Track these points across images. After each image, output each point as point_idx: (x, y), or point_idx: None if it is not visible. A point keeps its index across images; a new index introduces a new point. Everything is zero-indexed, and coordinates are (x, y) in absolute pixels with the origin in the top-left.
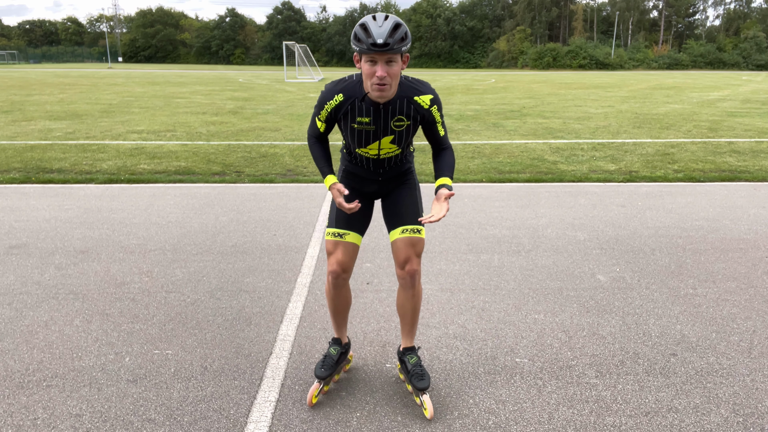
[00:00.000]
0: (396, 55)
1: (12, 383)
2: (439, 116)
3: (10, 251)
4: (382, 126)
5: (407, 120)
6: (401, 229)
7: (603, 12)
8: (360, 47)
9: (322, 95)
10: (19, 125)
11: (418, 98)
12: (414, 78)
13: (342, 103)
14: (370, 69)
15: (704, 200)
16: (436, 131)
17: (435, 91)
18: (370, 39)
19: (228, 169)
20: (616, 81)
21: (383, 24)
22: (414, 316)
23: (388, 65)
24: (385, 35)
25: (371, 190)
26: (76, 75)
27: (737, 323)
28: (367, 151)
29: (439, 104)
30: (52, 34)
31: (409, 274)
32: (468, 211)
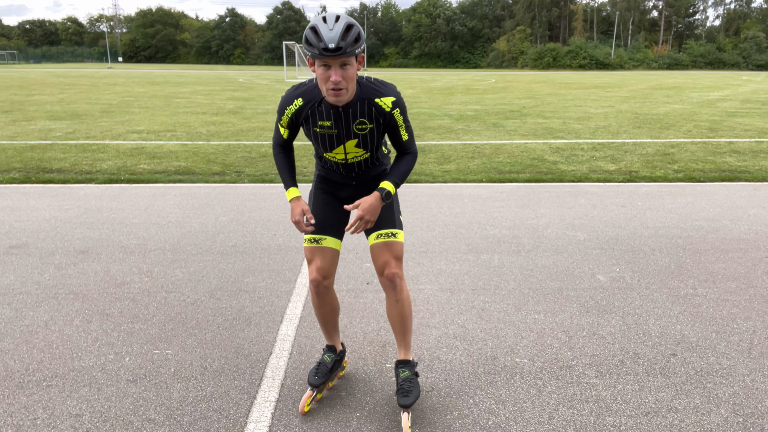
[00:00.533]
0: (350, 57)
1: (12, 383)
2: (402, 120)
3: (10, 251)
4: (344, 129)
5: (369, 123)
6: (376, 234)
7: (603, 12)
8: (311, 52)
9: (282, 100)
10: (19, 125)
11: (378, 100)
12: (377, 80)
13: (302, 107)
14: (323, 74)
15: (704, 200)
16: (399, 135)
17: (399, 94)
18: (321, 43)
19: (228, 169)
20: (616, 81)
21: (334, 26)
22: (403, 323)
23: (342, 69)
24: (337, 38)
25: (347, 195)
26: (76, 75)
27: (737, 323)
28: (333, 155)
29: (402, 107)
30: (52, 34)
31: (389, 278)
32: (468, 211)
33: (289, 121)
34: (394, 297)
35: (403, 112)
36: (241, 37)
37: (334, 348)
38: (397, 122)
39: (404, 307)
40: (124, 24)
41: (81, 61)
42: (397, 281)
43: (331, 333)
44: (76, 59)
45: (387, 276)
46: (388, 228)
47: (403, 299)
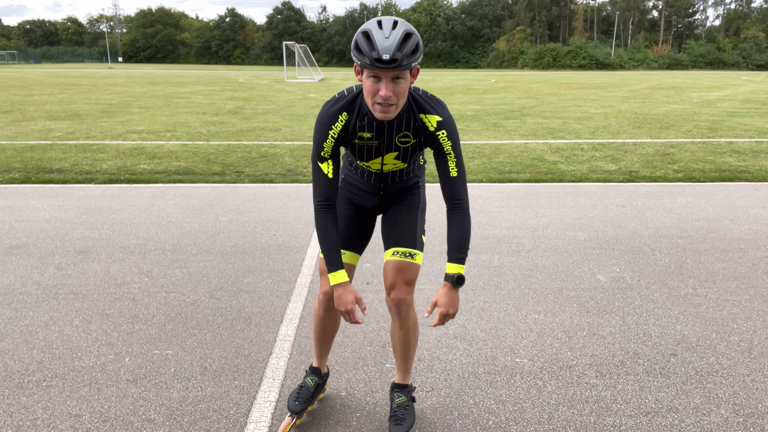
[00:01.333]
0: (405, 71)
1: (12, 383)
2: (450, 146)
3: (10, 251)
4: (385, 142)
5: (413, 137)
6: (393, 251)
7: (603, 12)
8: (362, 61)
9: (322, 121)
10: (19, 125)
11: (424, 116)
12: (428, 94)
13: (348, 122)
14: (372, 86)
15: (704, 200)
16: (446, 167)
17: (449, 115)
18: (374, 52)
19: (228, 169)
20: (616, 81)
21: (391, 34)
22: (405, 350)
23: (394, 83)
24: (393, 49)
25: (371, 204)
26: (76, 75)
27: (737, 323)
28: (368, 165)
29: (451, 130)
30: (52, 34)
31: (395, 302)
32: None
33: (334, 144)
34: (398, 323)
35: (451, 136)
36: (241, 37)
37: (318, 371)
38: (442, 146)
39: (408, 334)
40: (124, 24)
41: (81, 62)
42: (402, 308)
43: (323, 352)
44: (76, 59)
45: (394, 300)
46: (408, 246)
47: (408, 326)
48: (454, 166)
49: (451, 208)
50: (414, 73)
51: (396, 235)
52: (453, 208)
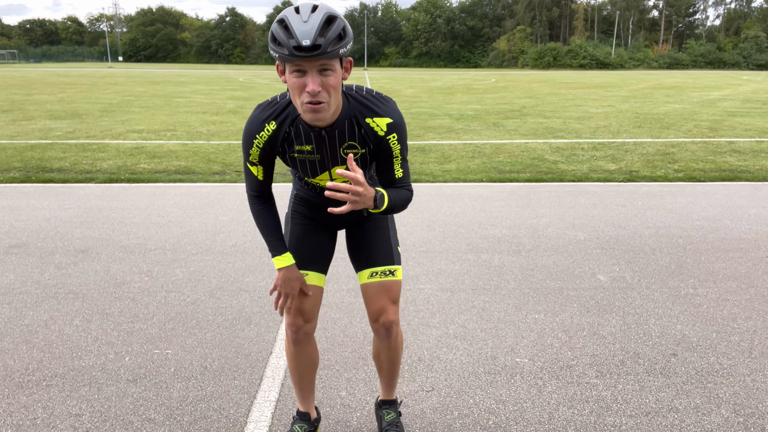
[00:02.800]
0: (332, 60)
1: (11, 383)
2: (399, 149)
3: (10, 250)
4: (329, 155)
5: (360, 147)
6: (370, 272)
7: (603, 11)
8: (280, 52)
9: (247, 129)
10: (20, 124)
11: (370, 120)
12: (372, 92)
13: (276, 132)
14: (297, 81)
15: (705, 200)
16: (391, 169)
17: (399, 114)
18: (293, 40)
19: (228, 168)
20: (617, 81)
21: (310, 18)
22: (392, 369)
23: (322, 75)
24: (314, 33)
25: (331, 221)
26: (77, 74)
27: (738, 323)
28: (317, 181)
29: (401, 132)
30: (53, 33)
31: (385, 326)
32: (468, 211)
33: (261, 153)
34: (387, 344)
35: (401, 138)
36: (241, 36)
37: (308, 416)
38: (391, 151)
39: (396, 354)
40: (124, 23)
41: (81, 61)
42: (393, 329)
43: (306, 394)
44: (77, 59)
45: (383, 324)
46: (385, 264)
47: (397, 345)
48: (399, 167)
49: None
50: (346, 67)
51: (370, 255)
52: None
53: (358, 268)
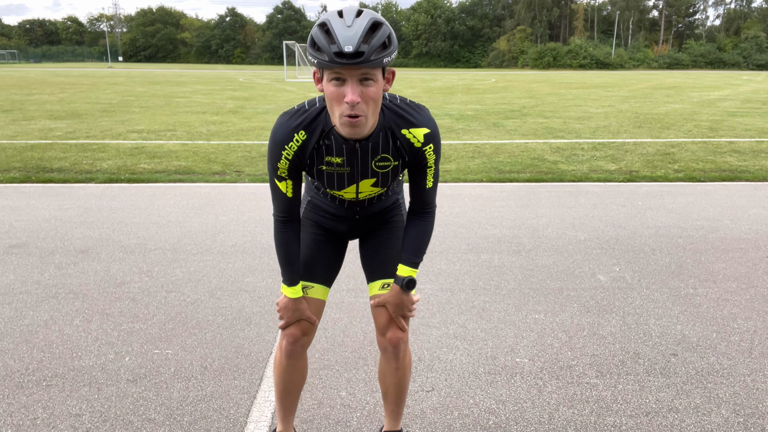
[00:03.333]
0: (375, 69)
1: (11, 383)
2: (434, 160)
3: (10, 250)
4: (359, 168)
5: (394, 160)
6: (381, 283)
7: (603, 12)
8: (319, 59)
9: (274, 139)
10: (20, 124)
11: (407, 132)
12: (407, 100)
13: (306, 142)
14: (336, 91)
15: (705, 200)
16: (423, 180)
17: (434, 122)
18: (334, 46)
19: (228, 168)
20: (617, 81)
21: (354, 22)
22: (399, 392)
23: (362, 85)
24: (358, 40)
25: (344, 230)
26: (77, 74)
27: (738, 323)
28: (341, 194)
29: (437, 143)
30: (53, 33)
31: (392, 343)
32: (468, 211)
33: (290, 166)
34: (393, 364)
35: (436, 149)
36: (241, 36)
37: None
38: (426, 162)
39: (404, 376)
40: (124, 23)
41: (81, 61)
42: (401, 347)
43: (289, 411)
44: (77, 59)
45: (390, 340)
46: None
47: (405, 366)
48: (432, 177)
49: (417, 212)
50: (388, 77)
51: (383, 266)
52: (420, 212)
53: (369, 278)
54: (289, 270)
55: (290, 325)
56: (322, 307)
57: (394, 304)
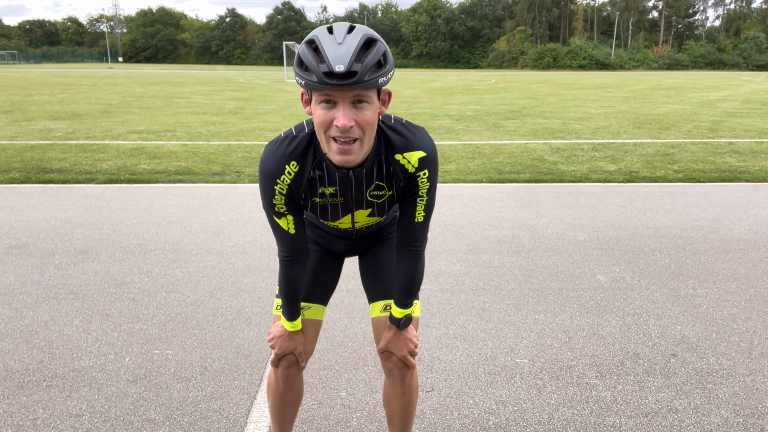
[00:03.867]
0: (369, 91)
1: (12, 383)
2: (427, 189)
3: (10, 251)
4: (354, 198)
5: (388, 189)
6: (382, 305)
7: (603, 12)
8: (307, 79)
9: (264, 172)
10: (20, 125)
11: (400, 156)
12: (403, 121)
13: (300, 173)
14: (325, 115)
15: (704, 201)
16: (412, 212)
17: (432, 145)
18: (324, 65)
19: (228, 169)
20: (616, 81)
21: (345, 39)
22: (405, 418)
23: (355, 108)
24: (350, 58)
25: (340, 249)
26: (77, 75)
27: (737, 324)
28: (336, 224)
29: (433, 167)
30: (53, 34)
31: (399, 367)
32: (468, 212)
33: (287, 200)
34: (399, 388)
35: (432, 175)
36: (241, 37)
37: None
38: (417, 190)
39: (411, 401)
40: (124, 24)
41: (81, 61)
42: (407, 371)
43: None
44: (77, 59)
45: (396, 363)
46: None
47: (412, 390)
48: (423, 210)
49: (405, 252)
50: (384, 99)
51: (383, 286)
52: (408, 251)
53: (371, 298)
54: (292, 306)
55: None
56: (319, 327)
57: (396, 346)
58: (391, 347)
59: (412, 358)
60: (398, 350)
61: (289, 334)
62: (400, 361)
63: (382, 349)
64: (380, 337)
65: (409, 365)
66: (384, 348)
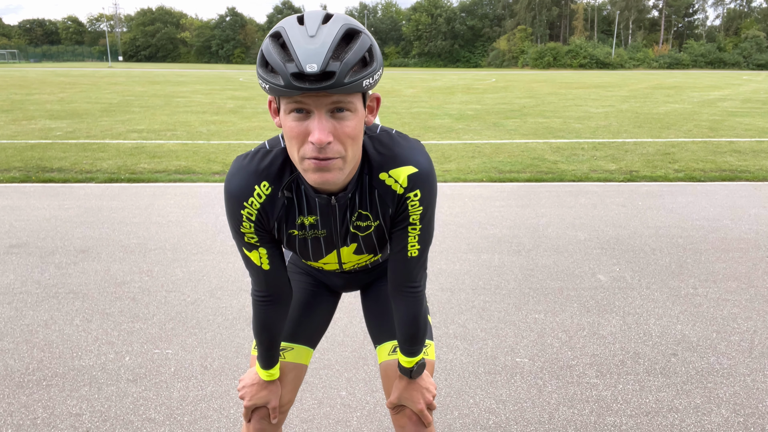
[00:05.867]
0: (352, 96)
1: (12, 382)
2: (419, 215)
3: (11, 250)
4: (337, 229)
5: (374, 218)
6: (391, 347)
7: (603, 11)
8: (272, 83)
9: (229, 195)
10: (20, 124)
11: (385, 175)
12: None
13: (273, 195)
14: (296, 127)
15: (705, 200)
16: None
17: (425, 160)
18: (291, 64)
19: (228, 168)
20: (617, 80)
21: (319, 31)
22: None
23: (334, 118)
24: (325, 55)
25: (338, 283)
26: (77, 74)
27: (738, 323)
28: (320, 265)
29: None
30: (53, 33)
31: (412, 421)
32: (468, 211)
33: (257, 229)
34: None
35: (426, 197)
36: (242, 36)
37: None
38: (408, 216)
39: None
40: (124, 23)
41: (81, 61)
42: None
43: None
44: (77, 58)
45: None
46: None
47: None
48: (417, 241)
49: (399, 293)
50: (371, 106)
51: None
52: (402, 293)
53: (377, 340)
54: (268, 353)
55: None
56: (303, 373)
57: (410, 398)
58: (404, 400)
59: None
60: (413, 403)
61: (263, 383)
62: (414, 415)
63: (393, 403)
64: (389, 386)
65: (425, 422)
66: (395, 402)
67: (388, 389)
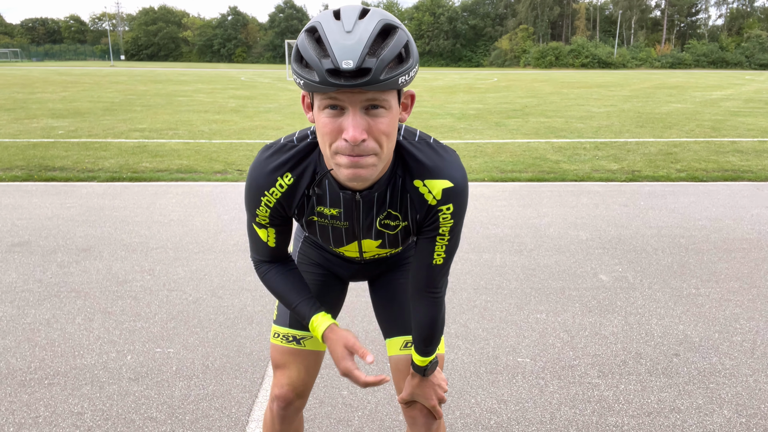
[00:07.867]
0: (387, 93)
1: (14, 381)
2: (449, 227)
3: (13, 249)
4: (360, 223)
5: (402, 219)
6: (402, 342)
7: (605, 11)
8: (307, 78)
9: (252, 180)
10: (22, 123)
11: (420, 183)
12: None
13: (294, 186)
14: (331, 124)
15: (707, 200)
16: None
17: (462, 175)
18: (327, 60)
19: (230, 167)
20: (619, 80)
21: (356, 26)
22: None
23: (369, 115)
24: (362, 51)
25: (346, 273)
26: (79, 73)
27: (740, 323)
28: (341, 251)
29: (460, 202)
30: (55, 32)
31: (422, 413)
32: (470, 211)
33: (272, 214)
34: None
35: (457, 211)
36: (243, 35)
37: None
38: (438, 226)
39: None
40: (126, 22)
41: (83, 59)
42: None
43: None
44: (79, 57)
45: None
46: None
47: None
48: (443, 251)
49: (421, 297)
50: (405, 103)
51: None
52: (424, 297)
53: (386, 333)
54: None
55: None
56: (321, 359)
57: (423, 394)
58: (417, 396)
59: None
60: (426, 400)
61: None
62: (425, 408)
63: (405, 399)
64: (400, 380)
65: (436, 416)
66: (407, 398)
67: (398, 383)
